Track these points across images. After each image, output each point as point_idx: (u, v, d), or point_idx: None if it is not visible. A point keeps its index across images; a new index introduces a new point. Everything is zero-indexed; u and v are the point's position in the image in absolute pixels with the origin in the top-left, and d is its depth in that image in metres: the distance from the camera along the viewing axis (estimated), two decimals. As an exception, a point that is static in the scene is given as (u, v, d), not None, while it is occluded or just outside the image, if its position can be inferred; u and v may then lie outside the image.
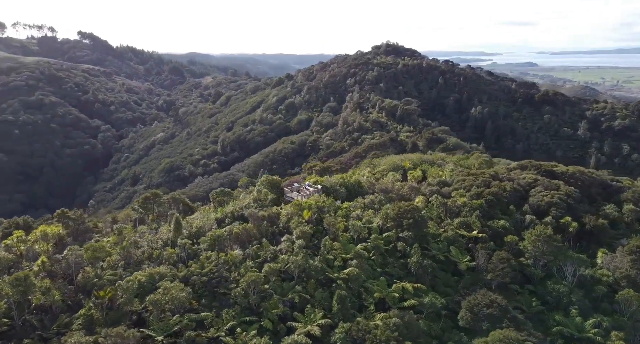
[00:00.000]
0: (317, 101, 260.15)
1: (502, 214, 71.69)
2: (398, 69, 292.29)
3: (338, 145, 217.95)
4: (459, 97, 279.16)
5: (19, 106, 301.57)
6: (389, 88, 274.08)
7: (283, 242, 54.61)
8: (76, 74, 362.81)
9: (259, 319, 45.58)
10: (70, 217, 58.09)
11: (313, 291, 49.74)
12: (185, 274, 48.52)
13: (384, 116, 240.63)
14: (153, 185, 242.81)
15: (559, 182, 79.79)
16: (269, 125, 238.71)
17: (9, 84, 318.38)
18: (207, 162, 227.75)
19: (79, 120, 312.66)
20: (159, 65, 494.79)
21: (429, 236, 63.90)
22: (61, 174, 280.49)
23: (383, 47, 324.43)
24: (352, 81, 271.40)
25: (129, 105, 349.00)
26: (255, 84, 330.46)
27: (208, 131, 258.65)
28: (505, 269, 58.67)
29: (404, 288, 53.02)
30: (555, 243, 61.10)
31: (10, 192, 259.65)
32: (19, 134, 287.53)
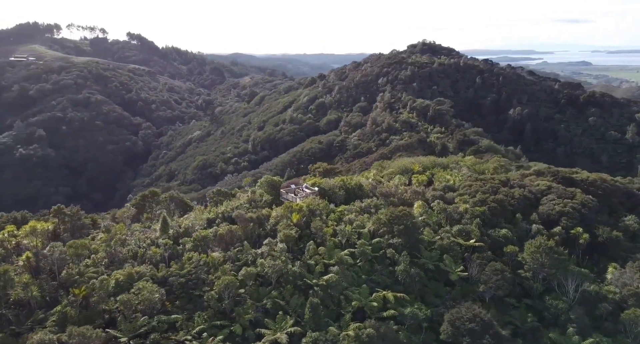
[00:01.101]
0: (348, 100, 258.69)
1: (507, 223, 68.24)
2: (433, 68, 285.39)
3: (365, 145, 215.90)
4: (496, 97, 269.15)
5: (67, 104, 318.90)
6: (422, 88, 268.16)
7: (264, 245, 54.33)
8: (121, 73, 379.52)
9: (230, 324, 45.52)
10: (66, 213, 60.74)
11: (289, 297, 49.18)
12: (164, 275, 49.25)
13: (415, 116, 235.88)
14: (186, 181, 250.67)
15: (575, 190, 75.05)
16: (298, 125, 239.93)
17: (60, 82, 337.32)
18: (238, 160, 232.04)
19: (122, 117, 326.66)
20: (201, 65, 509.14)
21: (422, 243, 61.77)
22: (103, 168, 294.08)
23: (419, 45, 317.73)
24: (384, 81, 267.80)
25: (169, 104, 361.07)
26: (289, 84, 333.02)
27: (241, 130, 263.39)
28: (499, 281, 55.72)
29: (385, 297, 51.45)
30: (557, 256, 57.38)
31: (56, 185, 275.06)
32: (66, 130, 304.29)
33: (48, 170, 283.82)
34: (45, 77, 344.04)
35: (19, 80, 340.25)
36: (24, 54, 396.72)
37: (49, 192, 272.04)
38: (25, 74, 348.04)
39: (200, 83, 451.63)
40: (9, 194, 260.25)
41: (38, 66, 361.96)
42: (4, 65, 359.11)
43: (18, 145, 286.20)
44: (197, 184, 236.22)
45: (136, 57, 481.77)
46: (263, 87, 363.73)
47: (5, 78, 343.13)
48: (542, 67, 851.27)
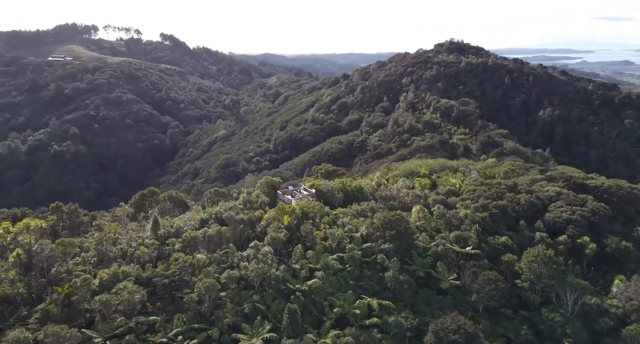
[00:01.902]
0: (370, 100, 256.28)
1: (509, 230, 65.67)
2: (460, 67, 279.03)
3: (386, 146, 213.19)
4: (526, 98, 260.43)
5: (100, 102, 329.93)
6: (448, 87, 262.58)
7: (249, 248, 54.13)
8: (152, 73, 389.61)
9: (209, 327, 45.46)
10: (64, 211, 62.52)
11: (271, 301, 48.79)
12: (148, 275, 49.76)
13: (438, 116, 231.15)
14: (210, 179, 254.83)
15: (587, 197, 71.50)
16: (320, 124, 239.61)
17: (93, 82, 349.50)
18: (260, 159, 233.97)
19: (151, 116, 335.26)
20: (230, 65, 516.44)
21: (416, 249, 60.21)
22: (132, 165, 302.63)
23: (446, 44, 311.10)
24: (408, 80, 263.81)
25: (197, 103, 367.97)
26: (313, 84, 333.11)
27: (264, 130, 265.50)
28: (492, 291, 53.64)
29: (370, 304, 50.33)
30: (555, 266, 54.71)
31: (87, 180, 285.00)
32: (98, 128, 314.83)
33: (80, 166, 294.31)
34: (80, 77, 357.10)
35: (56, 79, 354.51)
36: (61, 54, 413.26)
37: (80, 188, 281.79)
38: (61, 73, 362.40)
39: (228, 83, 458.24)
40: (44, 189, 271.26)
41: (74, 66, 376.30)
42: (42, 65, 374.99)
43: (53, 142, 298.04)
44: (220, 183, 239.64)
45: (168, 57, 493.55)
46: (289, 87, 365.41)
47: (43, 77, 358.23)
48: (581, 66, 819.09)
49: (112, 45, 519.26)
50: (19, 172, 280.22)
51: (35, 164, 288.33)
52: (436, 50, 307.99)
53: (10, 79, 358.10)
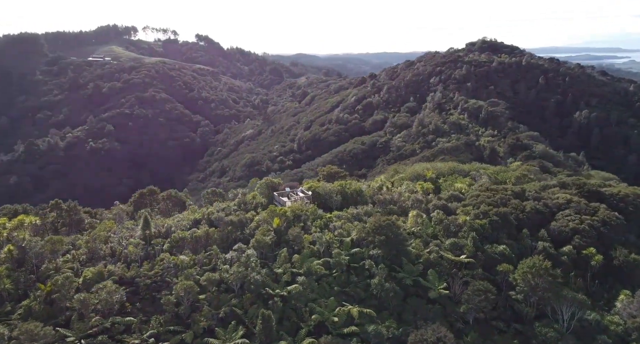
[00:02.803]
0: (397, 100, 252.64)
1: (510, 239, 62.80)
2: (492, 67, 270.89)
3: (409, 147, 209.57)
4: (561, 99, 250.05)
5: (134, 101, 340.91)
6: (478, 88, 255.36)
7: (232, 251, 54.00)
8: (186, 73, 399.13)
9: (184, 330, 45.46)
10: (63, 208, 64.56)
11: (249, 306, 48.45)
12: (132, 275, 50.43)
13: (466, 117, 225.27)
14: (235, 178, 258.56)
15: (599, 206, 67.54)
16: (344, 125, 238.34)
17: (129, 81, 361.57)
18: (284, 159, 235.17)
19: (183, 115, 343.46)
20: (262, 66, 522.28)
21: (408, 255, 58.49)
22: (163, 163, 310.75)
23: (478, 43, 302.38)
24: (436, 80, 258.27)
25: (228, 103, 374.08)
26: (340, 83, 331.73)
27: (289, 129, 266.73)
28: (482, 302, 51.38)
29: (350, 312, 49.15)
30: (551, 278, 51.77)
31: (120, 176, 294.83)
32: (132, 126, 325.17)
33: (114, 162, 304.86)
34: (117, 76, 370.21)
35: (95, 78, 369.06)
36: (101, 55, 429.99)
37: (113, 183, 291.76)
38: (100, 73, 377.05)
39: (259, 83, 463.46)
40: (80, 184, 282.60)
41: (112, 66, 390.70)
42: (82, 65, 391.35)
43: (89, 138, 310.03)
44: (244, 181, 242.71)
45: (202, 57, 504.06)
46: (317, 87, 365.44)
47: (83, 76, 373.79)
48: (628, 66, 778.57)
49: (150, 46, 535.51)
50: (58, 167, 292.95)
51: (73, 159, 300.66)
52: (467, 50, 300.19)
53: (53, 78, 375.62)
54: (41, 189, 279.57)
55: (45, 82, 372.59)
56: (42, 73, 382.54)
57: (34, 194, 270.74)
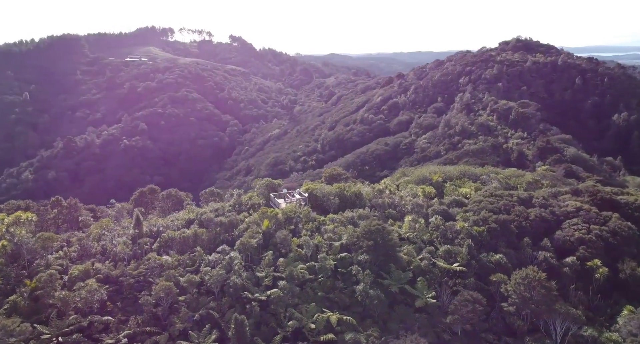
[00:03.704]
0: (424, 101, 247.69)
1: (509, 247, 59.91)
2: (525, 66, 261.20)
3: (434, 149, 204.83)
4: (599, 100, 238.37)
5: (167, 100, 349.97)
6: (509, 88, 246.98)
7: (215, 253, 53.83)
8: (217, 73, 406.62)
9: (160, 331, 45.64)
10: (63, 205, 66.54)
11: (227, 309, 48.21)
12: (117, 274, 51.14)
13: (495, 119, 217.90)
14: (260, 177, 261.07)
15: (612, 215, 63.43)
16: (368, 125, 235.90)
17: (163, 81, 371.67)
18: (307, 159, 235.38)
19: (212, 115, 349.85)
20: (292, 66, 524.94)
21: (398, 262, 56.77)
22: (193, 161, 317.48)
23: (512, 42, 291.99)
24: (465, 80, 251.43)
25: (257, 103, 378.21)
26: (367, 83, 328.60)
27: (314, 129, 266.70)
28: (469, 313, 49.16)
29: (329, 319, 48.04)
30: (544, 291, 48.87)
31: (151, 173, 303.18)
32: (164, 124, 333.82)
33: (146, 160, 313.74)
34: (152, 76, 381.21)
35: (131, 78, 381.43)
36: (137, 55, 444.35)
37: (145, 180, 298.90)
38: (136, 73, 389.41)
39: (289, 83, 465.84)
40: (113, 179, 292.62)
41: (147, 66, 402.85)
42: (119, 65, 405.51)
43: (123, 136, 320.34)
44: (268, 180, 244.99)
45: (235, 58, 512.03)
46: (345, 87, 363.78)
47: (120, 76, 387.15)
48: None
49: (186, 46, 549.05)
50: (93, 163, 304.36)
51: (107, 156, 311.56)
52: (500, 49, 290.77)
53: (92, 78, 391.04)
54: (77, 184, 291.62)
55: (84, 82, 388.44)
56: (82, 73, 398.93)
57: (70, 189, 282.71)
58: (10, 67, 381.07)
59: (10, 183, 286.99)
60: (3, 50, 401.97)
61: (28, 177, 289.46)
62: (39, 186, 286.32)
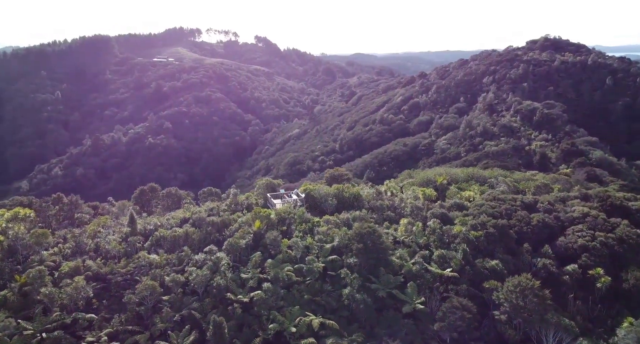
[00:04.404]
0: (445, 101, 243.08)
1: (508, 253, 57.69)
2: (553, 66, 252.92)
3: (454, 150, 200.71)
4: (630, 102, 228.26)
5: (191, 100, 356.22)
6: (535, 88, 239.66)
7: (202, 253, 53.81)
8: (241, 73, 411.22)
9: (142, 331, 45.69)
10: (64, 202, 68.06)
11: (209, 310, 48.03)
12: (106, 271, 51.79)
13: (518, 120, 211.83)
14: (278, 176, 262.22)
15: (621, 222, 60.26)
16: (387, 125, 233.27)
17: (188, 81, 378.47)
18: (325, 159, 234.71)
19: (235, 114, 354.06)
20: (316, 66, 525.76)
21: (389, 266, 55.48)
22: (215, 159, 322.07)
23: (540, 41, 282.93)
24: (489, 80, 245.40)
25: (278, 102, 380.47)
26: (389, 83, 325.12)
27: (333, 129, 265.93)
28: (457, 321, 47.51)
29: (312, 323, 47.20)
30: (537, 299, 46.72)
31: (175, 171, 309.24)
32: (188, 123, 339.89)
33: (170, 158, 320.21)
34: (178, 76, 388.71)
35: (157, 78, 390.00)
36: (164, 56, 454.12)
37: (168, 178, 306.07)
38: (162, 73, 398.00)
39: (312, 83, 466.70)
40: (138, 176, 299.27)
41: (174, 66, 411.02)
42: (147, 65, 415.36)
43: (149, 135, 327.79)
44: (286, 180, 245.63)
45: (260, 58, 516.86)
46: (367, 87, 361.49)
47: (147, 76, 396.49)
48: None
49: (212, 47, 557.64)
50: (119, 161, 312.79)
51: (133, 154, 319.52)
52: (527, 48, 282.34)
53: (121, 78, 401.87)
54: (104, 180, 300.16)
55: (113, 81, 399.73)
56: (112, 72, 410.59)
57: (97, 185, 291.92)
58: (44, 66, 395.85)
59: (41, 179, 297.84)
60: (37, 51, 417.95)
61: (57, 173, 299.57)
62: (68, 182, 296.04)
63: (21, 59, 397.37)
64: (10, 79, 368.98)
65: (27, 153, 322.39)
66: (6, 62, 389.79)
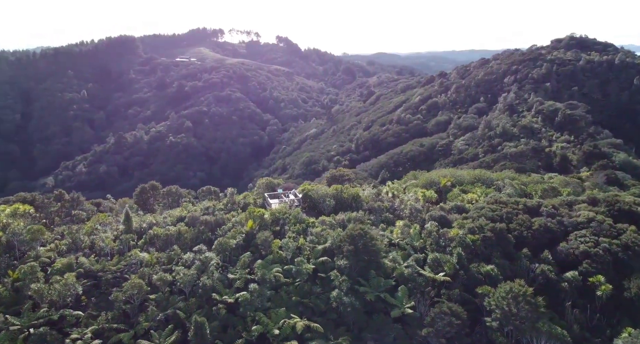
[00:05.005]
0: (465, 101, 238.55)
1: (505, 258, 55.78)
2: (578, 65, 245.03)
3: (471, 151, 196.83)
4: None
5: (212, 99, 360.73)
6: (559, 88, 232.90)
7: (190, 252, 53.81)
8: (261, 73, 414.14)
9: (127, 329, 45.62)
10: (65, 199, 69.37)
11: (194, 310, 47.97)
12: (98, 268, 52.36)
13: (540, 121, 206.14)
14: (294, 176, 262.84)
15: (628, 228, 57.56)
16: (405, 125, 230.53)
17: (209, 81, 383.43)
18: (340, 159, 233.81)
19: (254, 114, 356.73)
20: (336, 66, 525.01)
21: (381, 269, 54.42)
22: (233, 158, 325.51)
23: (565, 40, 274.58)
24: (510, 79, 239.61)
25: (297, 102, 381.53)
26: (408, 83, 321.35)
27: (350, 129, 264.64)
28: (445, 327, 46.15)
29: (296, 325, 46.59)
30: (528, 307, 44.91)
31: (194, 170, 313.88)
32: (208, 123, 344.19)
33: (190, 156, 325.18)
34: (199, 76, 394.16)
35: (179, 78, 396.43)
36: (186, 56, 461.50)
37: (188, 176, 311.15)
38: (184, 72, 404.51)
39: (331, 83, 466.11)
40: (159, 174, 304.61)
41: (195, 66, 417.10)
42: (170, 65, 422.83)
43: (170, 133, 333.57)
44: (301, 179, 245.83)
45: (280, 58, 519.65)
46: (387, 87, 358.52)
47: (170, 76, 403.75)
48: None
49: (234, 47, 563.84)
50: (141, 158, 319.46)
51: (154, 152, 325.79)
52: (552, 47, 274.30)
53: (144, 77, 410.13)
54: (126, 177, 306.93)
55: (137, 81, 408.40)
56: (135, 72, 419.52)
57: (119, 182, 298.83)
58: (71, 66, 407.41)
59: (66, 175, 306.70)
60: (65, 51, 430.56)
61: (82, 170, 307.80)
62: (91, 178, 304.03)
63: (50, 58, 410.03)
64: (39, 78, 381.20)
65: (53, 150, 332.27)
66: (35, 62, 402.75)
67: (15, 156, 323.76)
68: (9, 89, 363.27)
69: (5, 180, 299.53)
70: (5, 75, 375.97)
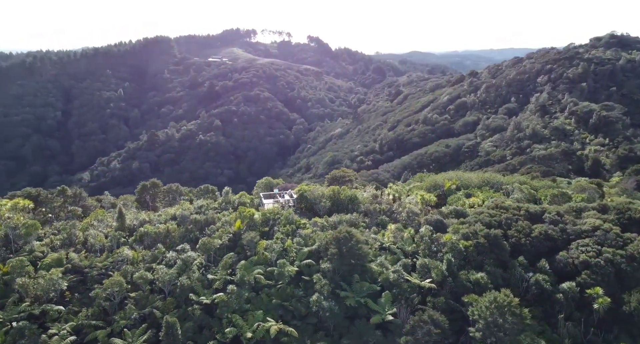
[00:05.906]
0: (495, 101, 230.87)
1: (500, 266, 53.03)
2: (617, 65, 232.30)
3: (499, 153, 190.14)
4: None
5: (241, 99, 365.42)
6: (596, 89, 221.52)
7: (172, 251, 53.89)
8: (290, 73, 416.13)
9: (105, 326, 45.93)
10: (68, 195, 71.19)
11: (170, 309, 47.98)
12: (86, 264, 53.35)
13: (573, 122, 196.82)
14: (317, 175, 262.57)
15: (635, 238, 53.65)
16: (431, 126, 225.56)
17: (239, 80, 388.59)
18: (363, 159, 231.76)
19: (281, 113, 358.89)
20: (366, 65, 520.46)
21: (367, 272, 52.89)
22: (260, 157, 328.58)
23: (605, 38, 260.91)
24: (544, 79, 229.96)
25: (324, 102, 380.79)
26: (436, 82, 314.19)
27: (375, 129, 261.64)
28: (425, 336, 44.26)
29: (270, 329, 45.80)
30: (512, 318, 42.37)
31: (222, 167, 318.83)
32: (237, 121, 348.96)
33: (218, 154, 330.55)
34: (229, 76, 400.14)
35: (211, 78, 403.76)
36: (219, 56, 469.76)
37: (216, 173, 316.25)
38: (216, 72, 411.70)
39: (361, 82, 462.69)
40: (188, 171, 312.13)
41: (227, 66, 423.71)
42: (202, 65, 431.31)
43: (200, 132, 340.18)
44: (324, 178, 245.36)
45: (311, 58, 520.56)
46: (416, 86, 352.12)
47: (202, 76, 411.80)
48: None
49: (266, 47, 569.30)
50: (172, 156, 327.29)
51: (184, 150, 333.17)
52: (590, 45, 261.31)
53: (177, 77, 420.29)
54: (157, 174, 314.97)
55: (171, 80, 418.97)
56: (170, 72, 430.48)
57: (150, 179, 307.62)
58: (109, 66, 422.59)
59: (101, 171, 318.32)
60: (104, 51, 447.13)
61: (116, 166, 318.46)
62: (125, 174, 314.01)
63: (90, 58, 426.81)
64: (78, 77, 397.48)
65: (90, 147, 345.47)
66: (76, 61, 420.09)
67: (55, 152, 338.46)
68: (52, 88, 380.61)
69: (46, 175, 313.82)
70: (48, 74, 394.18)
